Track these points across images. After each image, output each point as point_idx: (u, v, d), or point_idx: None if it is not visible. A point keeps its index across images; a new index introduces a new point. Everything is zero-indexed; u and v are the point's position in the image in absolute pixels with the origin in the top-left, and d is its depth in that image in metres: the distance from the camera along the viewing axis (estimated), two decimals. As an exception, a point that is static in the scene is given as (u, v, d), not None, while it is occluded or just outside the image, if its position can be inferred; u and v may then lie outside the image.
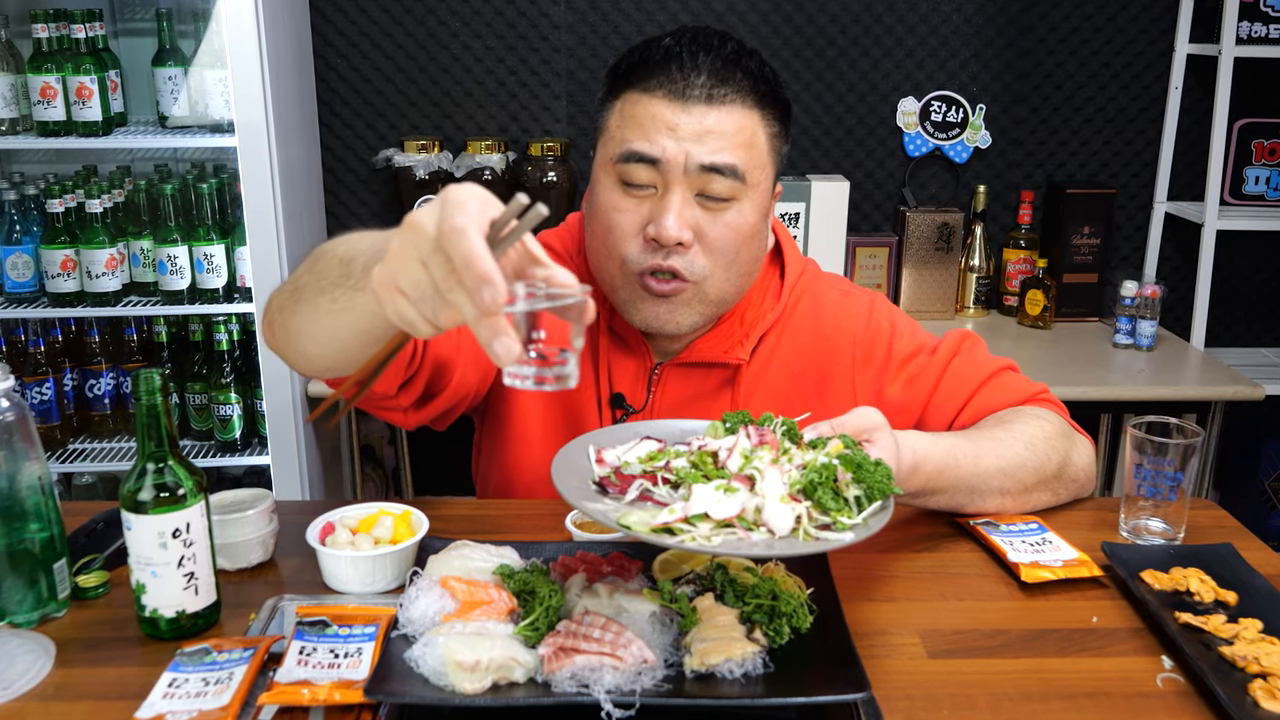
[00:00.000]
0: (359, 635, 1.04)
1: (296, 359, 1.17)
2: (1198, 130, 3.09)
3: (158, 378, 1.06)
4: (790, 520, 1.00)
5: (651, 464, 1.10)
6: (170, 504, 1.06)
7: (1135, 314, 2.81)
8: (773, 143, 1.30)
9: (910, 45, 3.02)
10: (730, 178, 1.25)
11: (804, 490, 1.02)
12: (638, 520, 1.01)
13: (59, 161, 2.88)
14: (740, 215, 1.27)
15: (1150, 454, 1.29)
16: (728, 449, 1.08)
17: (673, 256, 1.27)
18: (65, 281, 2.58)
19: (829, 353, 1.44)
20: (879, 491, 1.03)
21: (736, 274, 1.32)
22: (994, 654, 1.09)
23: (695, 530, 0.99)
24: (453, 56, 2.97)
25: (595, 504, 1.06)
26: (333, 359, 1.11)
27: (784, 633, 1.02)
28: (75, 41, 2.53)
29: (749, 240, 1.29)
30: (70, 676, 1.04)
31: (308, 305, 1.07)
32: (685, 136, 1.24)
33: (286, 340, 1.15)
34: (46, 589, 1.13)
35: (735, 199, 1.26)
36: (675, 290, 1.29)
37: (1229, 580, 1.19)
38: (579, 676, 0.95)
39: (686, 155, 1.24)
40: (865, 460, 1.04)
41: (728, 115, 1.25)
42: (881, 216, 3.15)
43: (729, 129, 1.25)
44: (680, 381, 1.42)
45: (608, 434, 1.20)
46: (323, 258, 1.08)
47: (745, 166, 1.25)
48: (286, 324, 1.13)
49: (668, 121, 1.24)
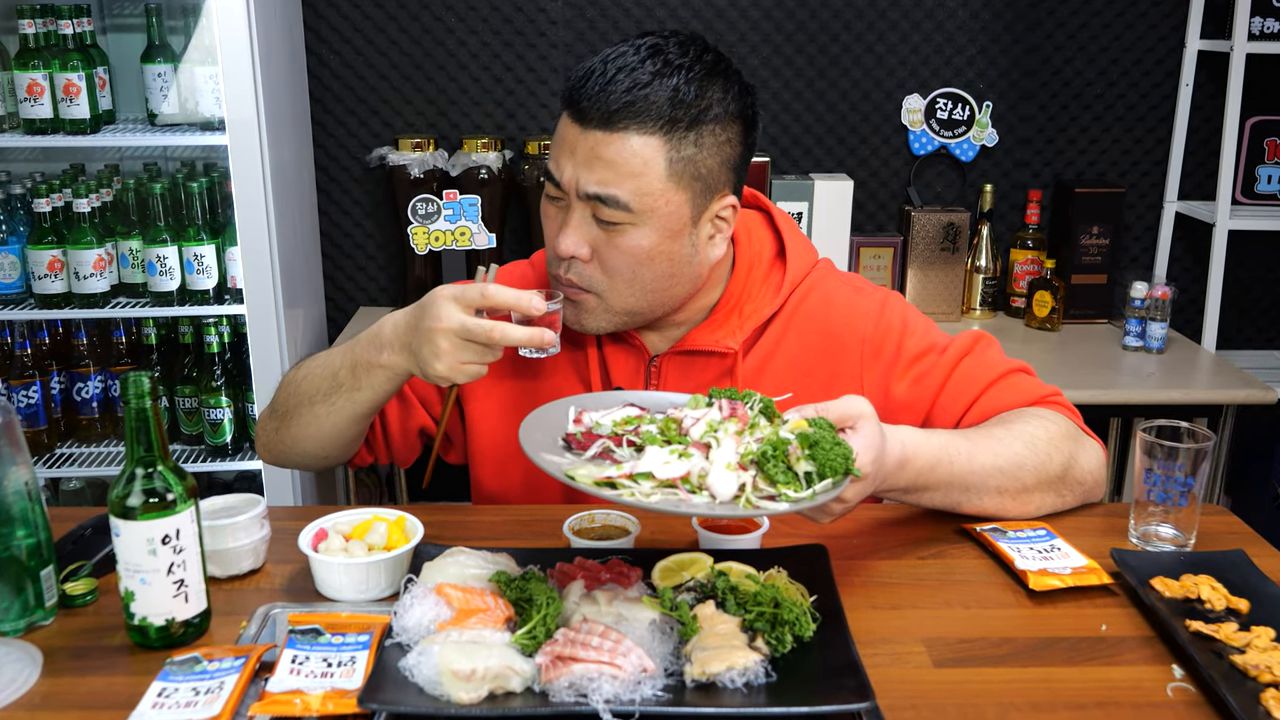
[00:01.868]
0: (352, 644, 1.05)
1: (299, 460, 1.49)
2: (1209, 128, 3.09)
3: (147, 381, 1.06)
4: (733, 487, 1.05)
5: (624, 427, 1.14)
6: (160, 510, 1.06)
7: (1145, 316, 2.81)
8: (681, 167, 1.30)
9: (915, 41, 3.02)
10: (614, 207, 1.29)
11: (755, 461, 1.07)
12: (585, 474, 1.06)
13: (46, 160, 2.89)
14: (632, 239, 1.31)
15: (1160, 459, 1.29)
16: (695, 418, 1.13)
17: (570, 269, 1.34)
18: (52, 282, 2.58)
19: (838, 350, 1.45)
20: (831, 470, 1.06)
21: (641, 289, 1.35)
22: (1001, 663, 1.09)
23: (636, 487, 1.05)
24: (448, 52, 2.97)
25: (552, 456, 1.11)
26: (331, 448, 1.44)
27: (786, 641, 1.03)
28: (63, 37, 2.53)
29: (648, 261, 1.33)
30: (58, 686, 1.04)
31: (304, 417, 1.40)
32: (579, 161, 1.30)
33: (286, 452, 1.48)
34: (33, 597, 1.13)
35: (626, 224, 1.31)
36: (579, 297, 1.36)
37: (1241, 588, 1.19)
38: (577, 686, 0.95)
39: (576, 181, 1.30)
40: (824, 439, 1.07)
41: (621, 144, 1.28)
42: (886, 216, 3.15)
43: (617, 158, 1.28)
44: (679, 373, 1.45)
45: (594, 399, 1.25)
46: (302, 382, 1.41)
47: (630, 197, 1.28)
48: (283, 440, 1.46)
49: (570, 144, 1.31)
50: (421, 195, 2.82)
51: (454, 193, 2.81)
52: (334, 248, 3.08)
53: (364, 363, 1.32)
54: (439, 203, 2.81)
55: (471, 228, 2.83)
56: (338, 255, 3.09)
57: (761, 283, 1.47)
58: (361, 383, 1.34)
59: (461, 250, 2.86)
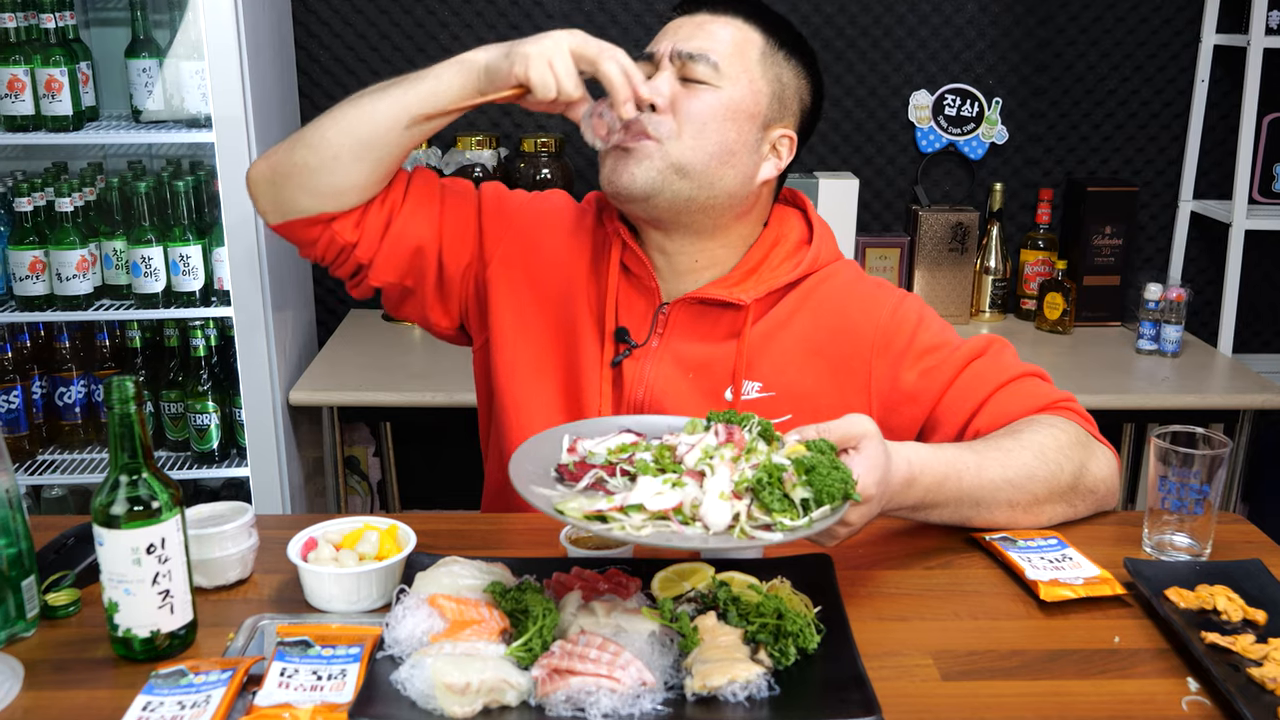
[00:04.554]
0: (343, 656, 1.05)
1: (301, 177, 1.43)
2: (1225, 125, 3.09)
3: (131, 385, 1.06)
4: (727, 517, 1.05)
5: (618, 456, 1.15)
6: (144, 518, 1.07)
7: (1159, 318, 2.81)
8: (767, 62, 1.46)
9: (923, 36, 3.03)
10: (704, 65, 1.41)
11: (751, 488, 1.07)
12: (575, 507, 1.06)
13: (27, 158, 2.89)
14: (715, 96, 1.41)
15: (1175, 465, 1.30)
16: (689, 444, 1.13)
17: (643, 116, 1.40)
18: (34, 284, 2.59)
19: (850, 335, 1.48)
20: (828, 496, 1.06)
21: (703, 146, 1.42)
22: (1011, 676, 1.09)
23: (627, 520, 1.05)
24: (441, 47, 2.97)
25: (541, 489, 1.11)
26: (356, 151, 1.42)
27: (790, 653, 1.03)
28: (44, 32, 2.53)
29: (722, 121, 1.42)
30: (39, 700, 1.04)
31: (364, 107, 1.42)
32: (679, 35, 1.44)
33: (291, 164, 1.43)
34: (14, 608, 1.13)
35: (711, 84, 1.41)
36: (638, 142, 1.41)
37: (1258, 598, 1.20)
38: (574, 699, 0.95)
39: (673, 46, 1.43)
40: (821, 463, 1.07)
41: (725, 23, 1.44)
42: (892, 216, 3.15)
43: (719, 32, 1.43)
44: (687, 324, 1.49)
45: (590, 425, 1.25)
46: (366, 91, 1.45)
47: (722, 59, 1.41)
48: (293, 151, 1.43)
49: (673, 27, 1.46)
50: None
51: (448, 191, 2.81)
52: (324, 248, 3.08)
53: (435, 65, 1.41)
54: (432, 202, 2.81)
55: (466, 227, 2.82)
56: (328, 256, 3.09)
57: (785, 257, 1.52)
58: (427, 75, 1.40)
59: (455, 251, 2.86)
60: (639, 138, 1.40)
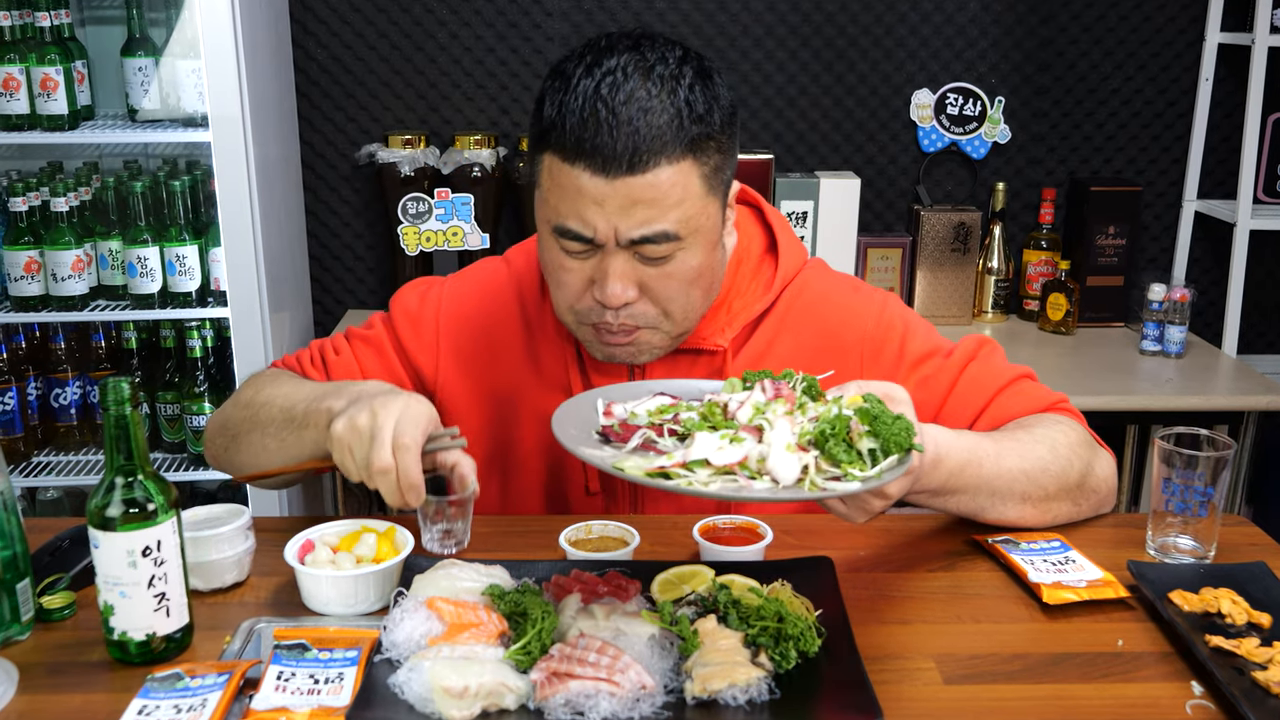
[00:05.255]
0: (340, 659, 1.05)
1: (236, 474, 1.47)
2: (1229, 124, 3.09)
3: (127, 386, 1.06)
4: (796, 470, 1.02)
5: (661, 416, 1.13)
6: (140, 520, 1.07)
7: (1163, 319, 2.81)
8: (712, 177, 1.29)
9: (925, 34, 3.03)
10: (662, 242, 1.27)
11: (814, 441, 1.04)
12: (634, 465, 1.04)
13: (22, 157, 2.89)
14: (683, 263, 1.30)
15: (1179, 467, 1.30)
16: (740, 401, 1.11)
17: (621, 313, 1.31)
18: (29, 284, 2.59)
19: (836, 349, 1.45)
20: (896, 445, 1.04)
21: (693, 309, 1.36)
22: (1013, 679, 1.09)
23: (693, 475, 1.02)
24: (440, 46, 2.97)
25: (593, 450, 1.08)
26: (273, 478, 1.43)
27: (791, 657, 1.03)
28: (39, 30, 2.53)
29: (698, 278, 1.32)
30: (34, 703, 1.04)
31: (254, 444, 1.40)
32: (612, 211, 1.24)
33: (229, 465, 1.49)
34: (9, 611, 1.13)
35: (675, 252, 1.29)
36: (632, 336, 1.35)
37: (1263, 601, 1.20)
38: (573, 703, 0.95)
39: (615, 231, 1.25)
40: (884, 413, 1.05)
41: (654, 180, 1.24)
42: (894, 216, 3.15)
43: (655, 196, 1.24)
44: (664, 374, 1.44)
45: (620, 389, 1.23)
46: (261, 408, 1.40)
47: (678, 224, 1.26)
48: (231, 458, 1.47)
49: (593, 195, 1.24)
50: (412, 194, 2.82)
51: (446, 191, 2.81)
52: (321, 248, 3.09)
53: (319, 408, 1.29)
54: (430, 202, 2.81)
55: (464, 228, 2.83)
56: (325, 256, 3.10)
57: (751, 278, 1.47)
58: (307, 423, 1.31)
59: (454, 251, 2.86)
60: (632, 334, 1.34)
